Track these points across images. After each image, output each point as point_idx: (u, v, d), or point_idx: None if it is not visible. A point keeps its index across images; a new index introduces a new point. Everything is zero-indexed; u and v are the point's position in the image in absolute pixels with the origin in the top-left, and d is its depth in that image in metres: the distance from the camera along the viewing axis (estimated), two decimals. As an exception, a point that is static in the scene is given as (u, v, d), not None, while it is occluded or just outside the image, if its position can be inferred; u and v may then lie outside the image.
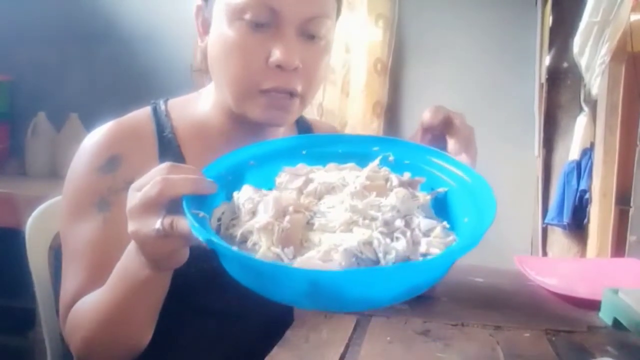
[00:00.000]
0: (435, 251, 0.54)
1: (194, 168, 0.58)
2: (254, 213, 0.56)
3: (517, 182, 2.39)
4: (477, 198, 0.59)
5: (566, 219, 2.19)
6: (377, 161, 0.64)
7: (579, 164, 2.18)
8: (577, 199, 2.17)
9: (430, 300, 0.89)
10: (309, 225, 0.56)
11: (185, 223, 0.53)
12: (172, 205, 0.55)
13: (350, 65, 2.46)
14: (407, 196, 0.58)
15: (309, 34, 0.73)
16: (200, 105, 0.84)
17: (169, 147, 0.80)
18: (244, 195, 0.59)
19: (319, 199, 0.59)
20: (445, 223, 0.58)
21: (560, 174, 2.27)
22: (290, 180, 0.61)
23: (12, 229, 1.68)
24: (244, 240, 0.55)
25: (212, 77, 0.80)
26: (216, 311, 0.80)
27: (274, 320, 0.75)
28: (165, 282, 0.65)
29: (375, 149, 0.67)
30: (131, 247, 0.62)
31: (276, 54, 0.70)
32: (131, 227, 0.58)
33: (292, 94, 0.73)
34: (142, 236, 0.57)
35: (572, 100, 2.35)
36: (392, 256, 0.52)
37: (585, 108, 2.21)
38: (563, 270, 1.17)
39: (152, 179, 0.56)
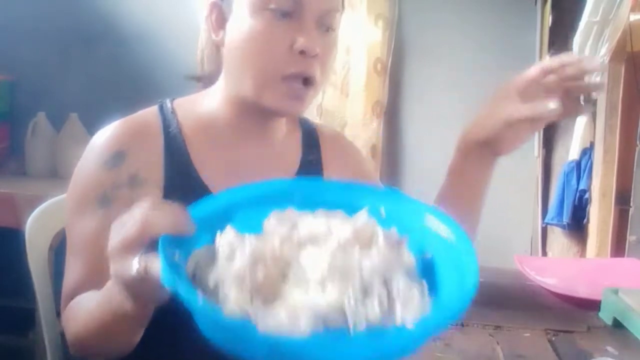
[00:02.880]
0: (410, 319, 0.51)
1: (178, 206, 0.56)
2: (230, 259, 0.54)
3: (517, 182, 2.39)
4: (461, 263, 0.57)
5: (566, 218, 2.19)
6: (365, 212, 0.62)
7: (578, 164, 2.18)
8: (576, 198, 2.17)
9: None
10: (283, 276, 0.54)
11: (158, 266, 0.51)
12: (154, 245, 0.53)
13: (350, 65, 2.46)
14: (390, 254, 0.56)
15: (326, 25, 0.79)
16: (206, 102, 0.86)
17: (174, 142, 0.83)
18: (225, 238, 0.56)
19: (301, 248, 0.57)
20: (425, 284, 0.55)
21: (560, 173, 2.27)
22: (277, 224, 0.59)
23: (12, 229, 1.68)
24: (216, 287, 0.53)
25: (228, 69, 0.82)
26: None
27: None
28: (149, 313, 0.64)
29: (365, 200, 0.65)
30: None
31: (301, 41, 0.75)
32: (112, 268, 0.57)
33: (308, 82, 0.78)
34: (121, 277, 0.56)
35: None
36: (362, 322, 0.50)
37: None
38: (563, 270, 1.17)
39: (133, 217, 0.55)
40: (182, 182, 0.81)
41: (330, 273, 0.53)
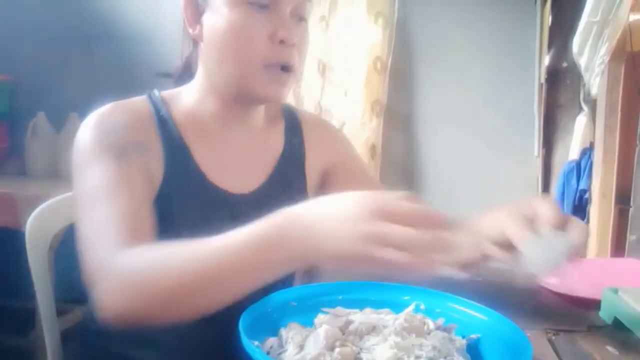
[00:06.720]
0: None
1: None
2: (301, 347, 0.58)
3: (517, 182, 2.39)
4: (510, 343, 0.63)
5: (566, 218, 2.19)
6: (412, 306, 0.68)
7: (578, 164, 2.18)
8: (576, 198, 2.17)
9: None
10: (357, 359, 0.58)
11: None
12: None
13: (349, 63, 2.46)
14: (446, 338, 0.62)
15: (299, 16, 0.85)
16: (191, 94, 0.90)
17: (166, 125, 0.86)
18: (292, 330, 0.61)
19: (361, 338, 0.61)
20: None
21: (560, 173, 2.27)
22: (330, 320, 0.63)
23: (12, 229, 1.68)
24: None
25: (207, 62, 0.86)
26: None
27: None
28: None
29: (406, 297, 0.71)
30: (280, 240, 0.58)
31: (280, 31, 0.81)
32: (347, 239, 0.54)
33: (287, 69, 0.83)
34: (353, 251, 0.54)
35: (571, 100, 2.35)
36: None
37: (585, 108, 2.21)
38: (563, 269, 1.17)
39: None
40: (177, 161, 0.84)
41: (399, 353, 0.57)
